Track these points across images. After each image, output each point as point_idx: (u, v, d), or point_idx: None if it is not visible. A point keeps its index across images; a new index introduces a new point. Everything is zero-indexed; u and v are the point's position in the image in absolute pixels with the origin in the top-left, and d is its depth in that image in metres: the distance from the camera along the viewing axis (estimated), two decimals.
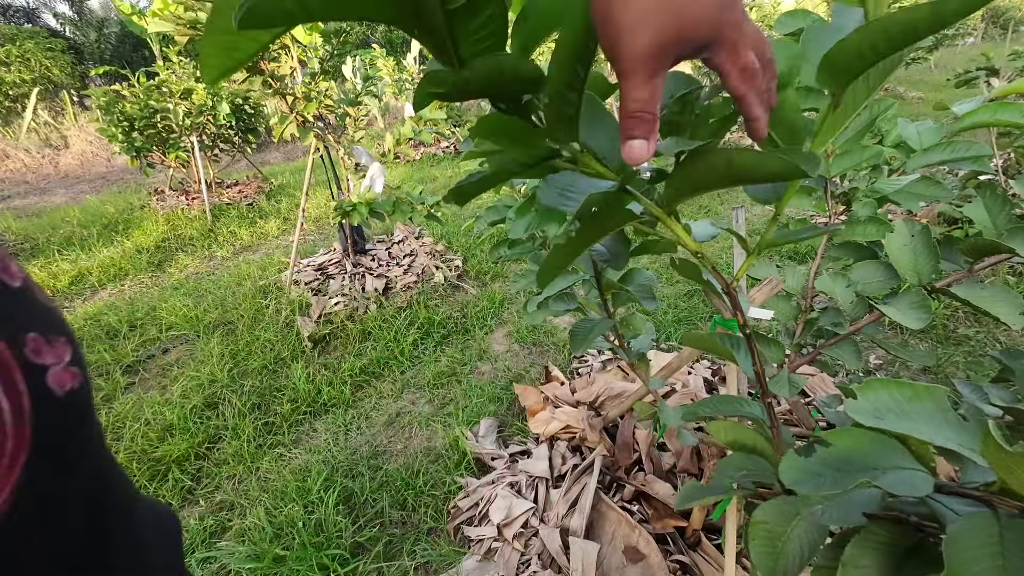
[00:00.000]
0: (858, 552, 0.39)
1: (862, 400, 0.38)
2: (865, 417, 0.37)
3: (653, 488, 1.32)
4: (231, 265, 3.54)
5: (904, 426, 0.36)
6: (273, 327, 2.52)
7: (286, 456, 1.75)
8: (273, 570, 1.33)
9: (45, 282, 3.34)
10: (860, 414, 0.37)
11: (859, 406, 0.38)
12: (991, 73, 2.76)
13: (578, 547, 1.19)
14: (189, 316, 2.71)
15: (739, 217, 0.81)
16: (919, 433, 0.36)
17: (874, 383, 0.39)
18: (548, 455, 1.51)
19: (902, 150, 0.99)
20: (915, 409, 0.37)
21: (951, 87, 3.15)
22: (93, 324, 2.73)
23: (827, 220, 0.92)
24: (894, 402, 0.38)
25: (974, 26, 16.44)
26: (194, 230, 4.23)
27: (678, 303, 2.53)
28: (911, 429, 0.36)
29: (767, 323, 0.96)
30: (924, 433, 0.36)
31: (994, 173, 2.41)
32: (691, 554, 1.19)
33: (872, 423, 0.36)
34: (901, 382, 0.38)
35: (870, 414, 0.37)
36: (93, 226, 4.44)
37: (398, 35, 18.67)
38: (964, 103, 0.81)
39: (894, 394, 0.38)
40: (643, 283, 0.93)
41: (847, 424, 0.58)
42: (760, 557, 0.47)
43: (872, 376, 1.81)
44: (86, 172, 7.53)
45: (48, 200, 6.04)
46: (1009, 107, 0.72)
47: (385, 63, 7.48)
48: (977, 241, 0.69)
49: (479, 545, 1.31)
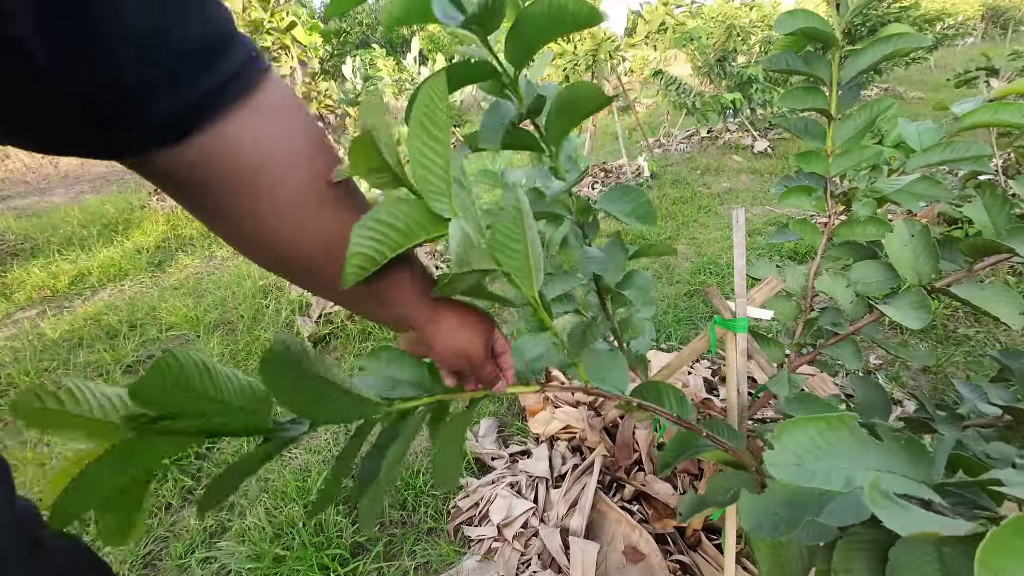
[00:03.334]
0: (845, 556, 0.39)
1: (780, 449, 0.35)
2: (785, 469, 0.34)
3: (653, 488, 1.32)
4: (231, 265, 3.54)
5: (824, 465, 0.35)
6: (273, 327, 2.53)
7: (286, 456, 1.75)
8: (273, 570, 1.33)
9: (45, 282, 3.34)
10: (778, 467, 0.34)
11: (778, 456, 0.35)
12: (991, 73, 2.76)
13: (578, 547, 1.19)
14: (189, 316, 2.71)
15: (739, 217, 0.81)
16: (839, 469, 0.34)
17: (786, 426, 0.36)
18: (548, 455, 1.51)
19: (902, 150, 0.99)
20: (831, 442, 0.36)
21: (951, 87, 3.15)
22: (93, 324, 2.73)
23: (827, 220, 0.92)
24: (810, 440, 0.36)
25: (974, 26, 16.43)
26: (194, 230, 4.23)
27: (678, 303, 2.53)
28: (831, 466, 0.35)
29: (767, 323, 0.96)
30: (843, 467, 0.34)
31: (994, 173, 2.41)
32: (691, 554, 1.19)
33: (793, 475, 0.34)
34: (811, 418, 0.36)
35: (791, 463, 0.35)
36: (93, 226, 4.44)
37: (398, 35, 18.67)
38: (964, 103, 0.81)
39: (809, 431, 0.36)
40: (642, 286, 0.93)
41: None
42: (767, 565, 0.47)
43: (872, 376, 1.80)
44: (86, 172, 7.52)
45: (48, 200, 6.04)
46: (1009, 107, 0.72)
47: (385, 63, 7.49)
48: (977, 241, 0.69)
49: (479, 545, 1.31)
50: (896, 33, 0.77)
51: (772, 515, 0.38)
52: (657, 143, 6.16)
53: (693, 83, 5.86)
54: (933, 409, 0.84)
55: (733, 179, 4.62)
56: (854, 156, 0.86)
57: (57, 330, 2.68)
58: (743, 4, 6.82)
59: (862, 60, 0.81)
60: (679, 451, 0.69)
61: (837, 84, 0.84)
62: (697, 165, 5.09)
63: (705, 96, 5.36)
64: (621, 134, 4.93)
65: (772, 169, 4.79)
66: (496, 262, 0.45)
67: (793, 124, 0.91)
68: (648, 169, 4.76)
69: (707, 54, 5.84)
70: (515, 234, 0.44)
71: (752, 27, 6.19)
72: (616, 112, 4.99)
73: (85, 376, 2.30)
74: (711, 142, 6.00)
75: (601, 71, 4.79)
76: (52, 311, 3.01)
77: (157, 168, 0.31)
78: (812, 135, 0.90)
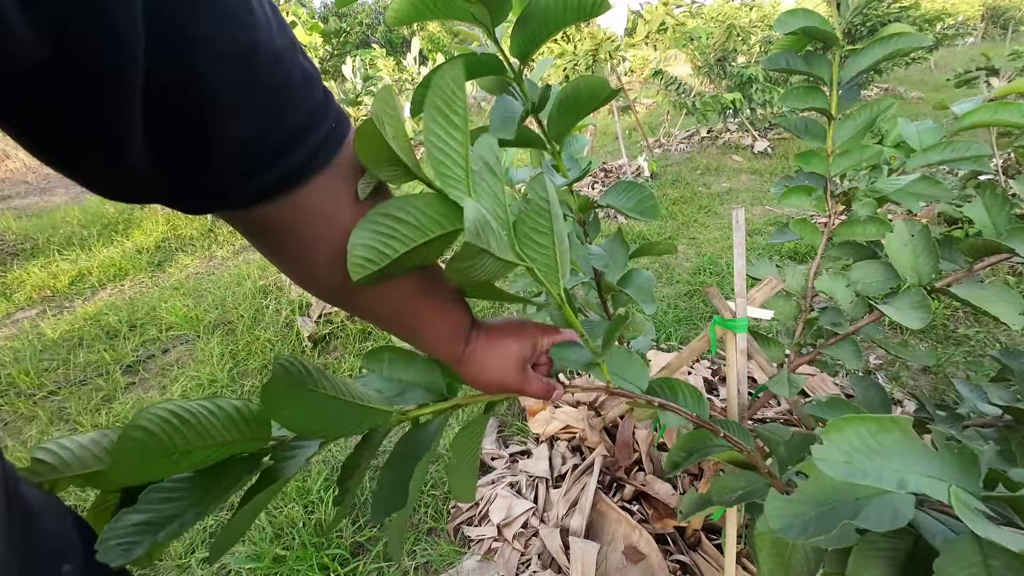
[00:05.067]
0: (860, 563, 0.38)
1: (829, 444, 0.34)
2: (834, 466, 0.34)
3: (653, 488, 1.32)
4: (231, 265, 3.54)
5: (875, 465, 0.34)
6: (273, 327, 2.52)
7: None
8: (273, 570, 1.33)
9: (45, 282, 3.34)
10: (828, 463, 0.34)
11: (827, 452, 0.34)
12: (991, 73, 2.76)
13: (578, 547, 1.19)
14: (189, 316, 2.71)
15: (739, 217, 0.81)
16: (890, 470, 0.34)
17: (840, 423, 0.35)
18: (548, 455, 1.51)
19: (902, 150, 0.99)
20: (882, 443, 0.35)
21: (951, 87, 3.15)
22: (93, 324, 2.73)
23: (827, 220, 0.92)
24: (861, 440, 0.35)
25: (974, 26, 16.43)
26: (194, 230, 4.23)
27: (678, 303, 2.53)
28: (883, 467, 0.34)
29: (767, 323, 0.95)
30: (896, 469, 0.34)
31: (994, 173, 2.41)
32: (691, 554, 1.19)
33: (842, 472, 0.33)
34: (865, 417, 0.35)
35: (841, 460, 0.34)
36: (93, 226, 4.44)
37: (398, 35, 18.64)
38: (964, 103, 0.81)
39: (860, 430, 0.35)
40: (642, 284, 0.93)
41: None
42: (769, 567, 0.47)
43: (872, 376, 1.80)
44: None
45: (48, 200, 6.03)
46: (1009, 107, 0.73)
47: (385, 63, 7.48)
48: (977, 241, 0.69)
49: (479, 545, 1.31)
50: (896, 33, 0.77)
51: (801, 516, 0.37)
52: (657, 143, 6.16)
53: (693, 83, 5.86)
54: (933, 409, 0.84)
55: (733, 179, 4.62)
56: (854, 156, 0.86)
57: (57, 330, 2.68)
58: (743, 4, 6.81)
59: (862, 60, 0.81)
60: (690, 451, 0.69)
61: (837, 84, 0.84)
62: (697, 165, 5.09)
63: (705, 96, 5.35)
64: (621, 134, 4.93)
65: (772, 169, 4.79)
66: (519, 256, 0.42)
67: (793, 124, 0.91)
68: (648, 169, 4.76)
69: (707, 54, 5.84)
70: (541, 227, 0.41)
71: (752, 27, 6.18)
72: (616, 112, 4.99)
73: (85, 376, 2.30)
74: (711, 142, 6.00)
75: (601, 71, 4.79)
76: (52, 311, 3.01)
77: (249, 219, 0.36)
78: (812, 135, 0.90)
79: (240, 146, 0.31)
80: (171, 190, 0.33)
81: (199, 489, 0.36)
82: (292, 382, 0.36)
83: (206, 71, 0.28)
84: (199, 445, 0.33)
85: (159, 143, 0.29)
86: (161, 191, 0.33)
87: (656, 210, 0.81)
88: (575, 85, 0.63)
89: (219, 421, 0.34)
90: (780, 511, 0.38)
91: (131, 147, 0.28)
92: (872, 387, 0.85)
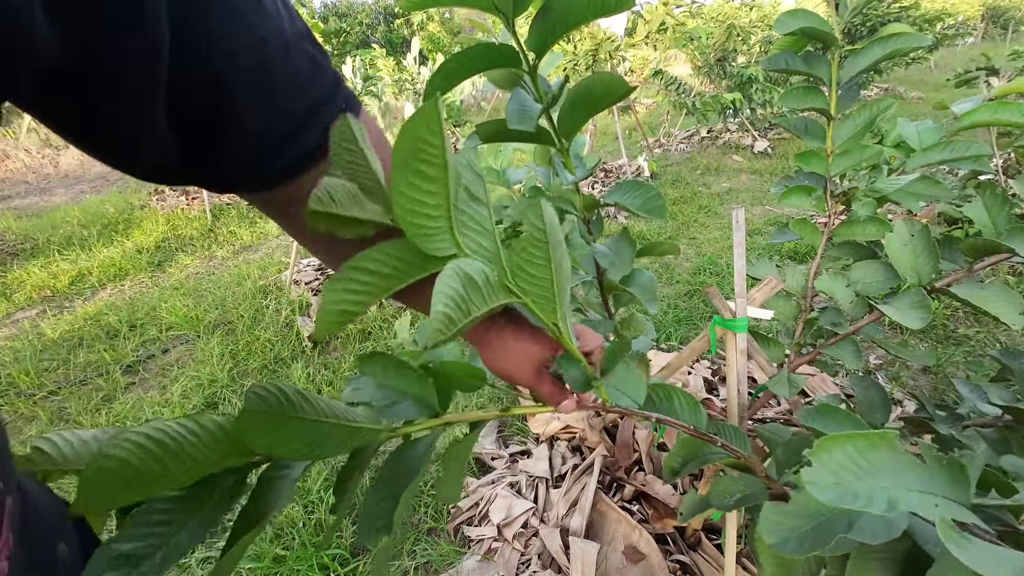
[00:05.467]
0: (859, 567, 0.38)
1: (818, 466, 0.33)
2: (824, 489, 0.32)
3: (653, 488, 1.32)
4: (231, 265, 3.54)
5: (865, 485, 0.33)
6: (273, 327, 2.52)
7: None
8: (273, 570, 1.33)
9: (45, 282, 3.34)
10: (817, 486, 0.33)
11: (817, 474, 0.33)
12: (991, 73, 2.76)
13: (578, 547, 1.19)
14: (189, 316, 2.71)
15: (739, 217, 0.81)
16: (880, 488, 0.33)
17: (827, 443, 0.34)
18: (548, 455, 1.51)
19: (902, 150, 0.99)
20: (871, 461, 0.34)
21: (951, 87, 3.15)
22: (93, 324, 2.73)
23: (827, 220, 0.92)
24: (849, 459, 0.34)
25: (974, 26, 16.43)
26: (194, 230, 4.23)
27: (678, 303, 2.53)
28: (872, 486, 0.33)
29: (767, 323, 0.95)
30: (885, 486, 0.33)
31: (994, 173, 2.41)
32: (691, 554, 1.19)
33: (833, 497, 0.32)
34: (852, 435, 0.35)
35: (830, 482, 0.33)
36: (93, 226, 4.44)
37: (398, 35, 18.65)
38: (964, 103, 0.81)
39: (848, 449, 0.34)
40: (645, 284, 0.93)
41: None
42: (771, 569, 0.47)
43: (872, 376, 1.80)
44: (86, 172, 7.52)
45: (48, 200, 6.03)
46: (1009, 107, 0.73)
47: (385, 63, 7.47)
48: (977, 241, 0.69)
49: (479, 545, 1.31)
50: (896, 33, 0.77)
51: (798, 530, 0.37)
52: (657, 143, 6.16)
53: (693, 83, 5.86)
54: (933, 409, 0.84)
55: (733, 179, 4.62)
56: (854, 156, 0.86)
57: (57, 330, 2.68)
58: (743, 4, 6.81)
59: (862, 60, 0.81)
60: (687, 458, 0.69)
61: (837, 84, 0.84)
62: (697, 165, 5.09)
63: (705, 96, 5.35)
64: (621, 134, 4.93)
65: (772, 169, 4.79)
66: (512, 292, 0.39)
67: (793, 124, 0.91)
68: (648, 169, 4.76)
69: (707, 54, 5.84)
70: (536, 258, 0.38)
71: (752, 27, 6.18)
72: (616, 112, 4.99)
73: (85, 376, 2.30)
74: (711, 142, 5.99)
75: (601, 71, 4.79)
76: (52, 311, 3.01)
77: (268, 198, 0.39)
78: (812, 135, 0.90)
79: (256, 135, 0.33)
80: (196, 173, 0.35)
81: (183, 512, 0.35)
82: (268, 412, 0.34)
83: (218, 68, 0.29)
84: (177, 469, 0.32)
85: (180, 134, 0.30)
86: (186, 176, 0.35)
87: (663, 209, 0.81)
88: (589, 82, 0.63)
89: (200, 441, 0.33)
90: (776, 525, 0.38)
91: (155, 139, 0.29)
92: (872, 387, 0.85)
